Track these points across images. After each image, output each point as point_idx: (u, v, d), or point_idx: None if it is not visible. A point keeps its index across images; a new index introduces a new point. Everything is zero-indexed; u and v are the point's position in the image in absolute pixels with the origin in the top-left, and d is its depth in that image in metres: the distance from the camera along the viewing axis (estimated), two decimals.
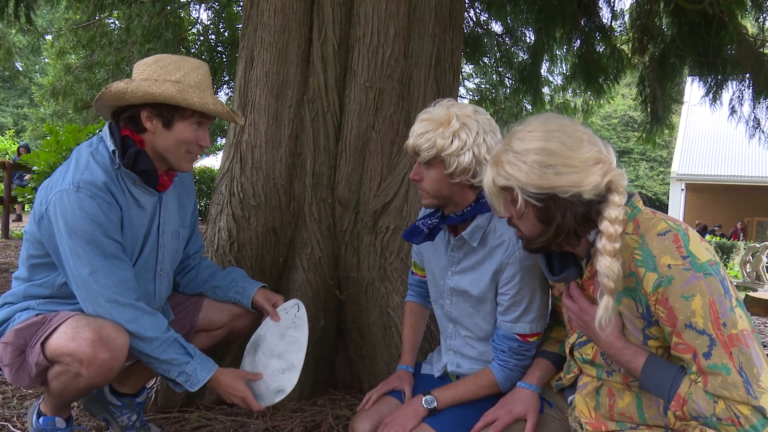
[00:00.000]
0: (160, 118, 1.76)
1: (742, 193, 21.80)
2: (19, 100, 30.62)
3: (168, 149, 1.79)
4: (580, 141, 1.32)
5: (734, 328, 1.21)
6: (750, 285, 9.83)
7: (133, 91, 1.71)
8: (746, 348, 1.21)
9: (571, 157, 1.30)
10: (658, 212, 1.38)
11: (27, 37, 7.79)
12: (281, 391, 1.89)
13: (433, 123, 1.60)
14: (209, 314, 2.07)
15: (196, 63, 1.83)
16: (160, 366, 1.77)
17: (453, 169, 1.59)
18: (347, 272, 2.63)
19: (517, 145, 1.35)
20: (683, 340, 1.25)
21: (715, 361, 1.21)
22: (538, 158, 1.31)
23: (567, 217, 1.31)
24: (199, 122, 1.80)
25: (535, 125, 1.36)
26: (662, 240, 1.28)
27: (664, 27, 5.12)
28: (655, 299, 1.28)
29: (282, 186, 2.60)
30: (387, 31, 2.56)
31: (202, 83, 1.79)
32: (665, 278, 1.25)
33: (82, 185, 1.69)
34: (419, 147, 1.61)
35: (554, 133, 1.33)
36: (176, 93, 1.71)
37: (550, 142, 1.31)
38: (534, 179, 1.31)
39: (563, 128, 1.34)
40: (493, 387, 1.71)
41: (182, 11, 8.09)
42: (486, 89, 9.29)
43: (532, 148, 1.32)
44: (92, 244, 1.68)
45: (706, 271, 1.23)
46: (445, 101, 1.65)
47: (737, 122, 5.08)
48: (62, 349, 1.66)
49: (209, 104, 1.75)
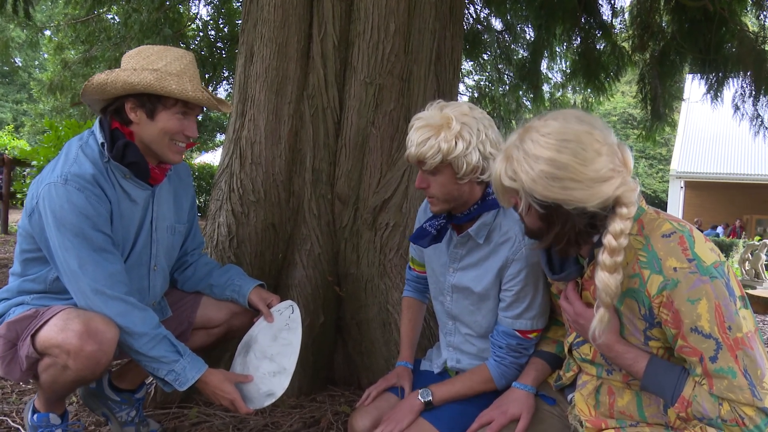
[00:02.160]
0: (143, 108, 1.75)
1: (741, 190, 21.80)
2: (18, 95, 30.58)
3: (152, 140, 1.78)
4: (596, 155, 1.25)
5: (739, 331, 1.21)
6: (749, 283, 9.83)
7: (113, 81, 1.71)
8: (750, 351, 1.21)
9: (581, 173, 1.24)
10: (662, 212, 1.36)
11: (26, 31, 7.77)
12: (271, 395, 1.86)
13: (432, 128, 1.56)
14: (207, 312, 2.07)
15: (180, 52, 1.81)
16: (149, 364, 1.75)
17: (463, 170, 1.57)
18: (346, 268, 2.62)
19: (529, 147, 1.29)
20: (689, 344, 1.24)
21: (721, 365, 1.21)
22: (546, 169, 1.26)
23: (567, 227, 1.30)
24: (184, 112, 1.78)
25: (551, 129, 1.29)
26: (667, 242, 1.27)
27: (664, 24, 5.11)
28: (659, 302, 1.27)
29: (281, 182, 2.60)
30: (387, 26, 2.55)
31: (186, 72, 1.77)
32: (671, 281, 1.24)
33: (70, 178, 1.68)
34: (423, 155, 1.56)
35: (568, 144, 1.26)
36: (154, 81, 1.70)
37: (562, 154, 1.25)
38: (538, 188, 1.27)
39: (579, 138, 1.26)
40: (488, 383, 1.71)
41: (181, 6, 8.06)
42: (485, 86, 9.27)
43: (542, 156, 1.26)
44: (80, 237, 1.68)
45: (712, 274, 1.22)
46: (436, 104, 1.62)
47: (740, 120, 5.07)
48: (51, 341, 1.66)
49: (188, 91, 1.73)
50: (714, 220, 21.56)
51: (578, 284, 1.47)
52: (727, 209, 22.13)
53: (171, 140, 1.79)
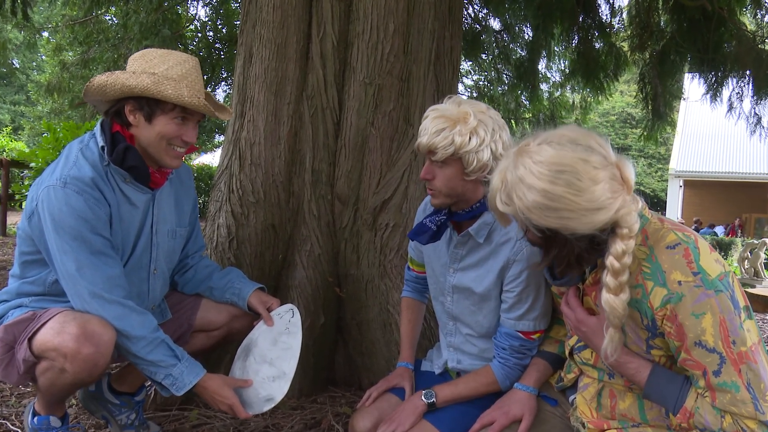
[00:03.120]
0: (142, 111, 1.75)
1: (740, 189, 21.82)
2: (16, 96, 30.55)
3: (150, 143, 1.77)
4: (592, 183, 1.20)
5: (744, 345, 1.21)
6: (748, 281, 9.84)
7: (112, 83, 1.71)
8: (754, 364, 1.21)
9: (575, 204, 1.20)
10: (666, 220, 1.35)
11: (23, 33, 7.76)
12: (270, 400, 1.85)
13: (449, 120, 1.55)
14: (207, 314, 2.06)
15: (183, 57, 1.80)
16: (146, 367, 1.75)
17: (472, 166, 1.57)
18: (347, 269, 2.62)
19: (523, 174, 1.24)
20: (692, 357, 1.24)
21: (724, 379, 1.21)
22: (539, 200, 1.21)
23: (566, 250, 1.28)
24: (183, 117, 1.77)
25: (545, 157, 1.23)
26: (672, 254, 1.25)
27: (663, 24, 5.11)
28: (662, 314, 1.25)
29: (281, 183, 2.59)
30: (386, 27, 2.55)
31: (186, 77, 1.77)
32: (675, 295, 1.23)
33: (69, 181, 1.68)
34: (435, 145, 1.55)
35: (563, 174, 1.20)
36: (151, 85, 1.70)
37: (556, 186, 1.20)
38: (535, 217, 1.24)
39: (574, 168, 1.20)
40: (492, 385, 1.70)
41: (180, 7, 8.05)
42: (484, 86, 9.27)
43: (535, 187, 1.21)
44: (79, 240, 1.67)
45: (717, 287, 1.21)
46: (454, 98, 1.62)
47: (737, 119, 5.07)
48: (47, 344, 1.65)
49: (184, 96, 1.71)
50: (713, 218, 21.58)
51: (579, 290, 1.46)
52: (726, 208, 22.15)
53: (169, 145, 1.78)
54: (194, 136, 1.83)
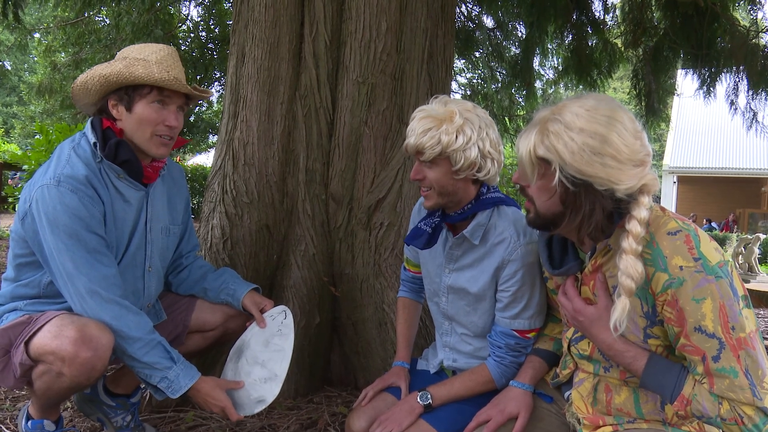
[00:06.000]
0: (122, 102, 1.76)
1: (734, 185, 21.92)
2: (8, 98, 30.40)
3: (134, 133, 1.77)
4: (636, 138, 1.25)
5: (742, 331, 1.22)
6: (743, 276, 9.89)
7: (91, 77, 1.73)
8: (753, 351, 1.22)
9: (623, 153, 1.23)
10: (667, 209, 1.36)
11: (14, 34, 7.71)
12: (262, 401, 1.85)
13: (435, 120, 1.57)
14: (202, 315, 2.05)
15: (160, 46, 1.83)
16: (142, 370, 1.74)
17: (460, 164, 1.58)
18: (342, 269, 2.61)
19: (570, 119, 1.25)
20: (691, 343, 1.24)
21: (723, 365, 1.22)
22: (590, 142, 1.23)
23: (595, 208, 1.27)
24: (161, 101, 1.76)
25: (595, 104, 1.27)
26: (673, 240, 1.26)
27: (656, 20, 5.12)
28: (663, 300, 1.26)
29: (275, 183, 2.58)
30: (379, 25, 2.54)
31: (162, 62, 1.77)
32: (676, 280, 1.23)
33: (63, 179, 1.67)
34: (423, 145, 1.57)
35: (614, 122, 1.24)
36: (123, 68, 1.72)
37: (608, 130, 1.23)
38: (578, 162, 1.24)
39: (622, 119, 1.25)
40: (488, 383, 1.71)
41: (172, 8, 8.01)
42: (478, 84, 9.27)
43: (588, 129, 1.24)
44: (74, 238, 1.67)
45: (717, 274, 1.22)
46: (440, 98, 1.63)
47: (733, 114, 5.08)
48: (45, 348, 1.65)
49: (154, 73, 1.72)
50: (707, 214, 21.67)
51: (577, 279, 1.46)
52: (719, 203, 22.25)
53: (153, 133, 1.77)
54: (177, 120, 1.80)
